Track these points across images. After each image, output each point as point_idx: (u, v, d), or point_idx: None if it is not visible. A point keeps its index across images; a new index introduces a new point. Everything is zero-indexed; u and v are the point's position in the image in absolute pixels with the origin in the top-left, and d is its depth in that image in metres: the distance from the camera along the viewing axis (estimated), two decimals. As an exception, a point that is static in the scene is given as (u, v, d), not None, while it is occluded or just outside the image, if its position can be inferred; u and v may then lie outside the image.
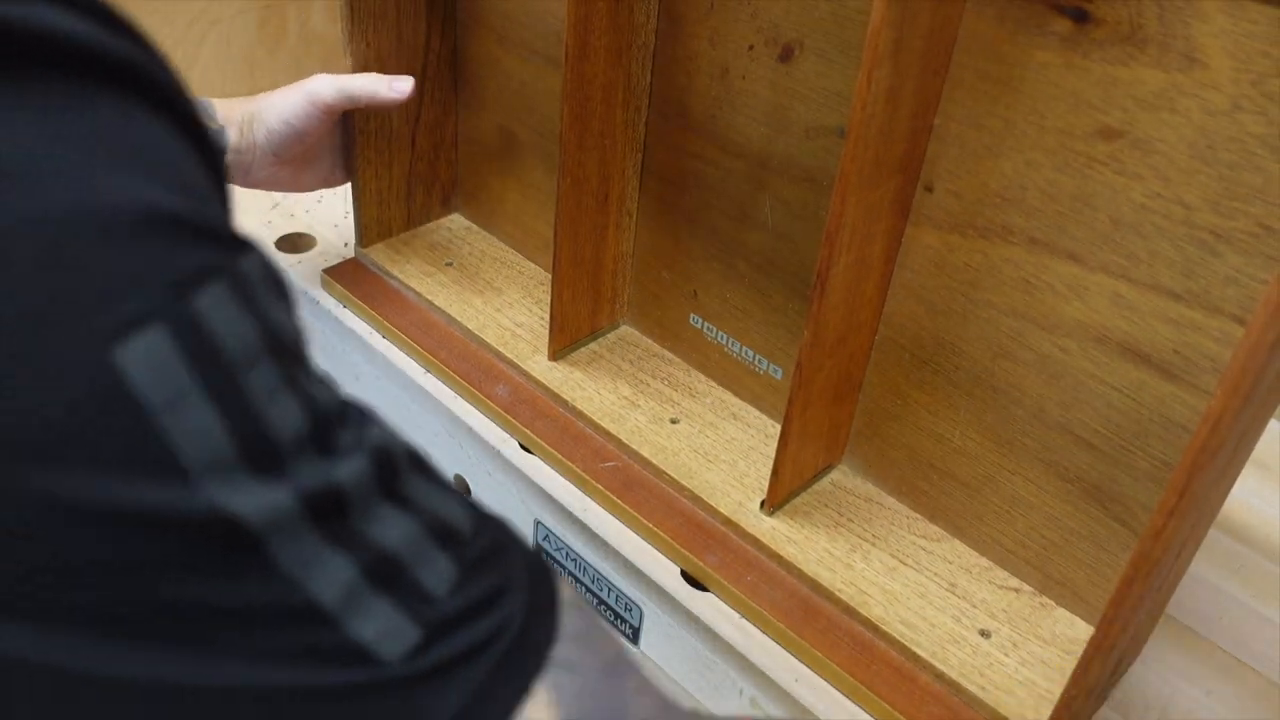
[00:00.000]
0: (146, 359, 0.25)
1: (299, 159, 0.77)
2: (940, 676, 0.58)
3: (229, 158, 0.72)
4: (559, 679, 0.32)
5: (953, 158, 0.56)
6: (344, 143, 0.80)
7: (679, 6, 0.65)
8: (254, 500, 0.27)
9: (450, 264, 0.85)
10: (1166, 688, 0.62)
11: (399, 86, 0.74)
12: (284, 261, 0.87)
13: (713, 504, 0.66)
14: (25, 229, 0.24)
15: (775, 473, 0.64)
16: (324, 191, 0.98)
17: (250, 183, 0.76)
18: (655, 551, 0.66)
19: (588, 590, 0.70)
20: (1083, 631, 0.61)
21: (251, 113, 0.72)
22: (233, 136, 0.72)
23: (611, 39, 0.65)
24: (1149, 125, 0.48)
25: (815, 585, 0.62)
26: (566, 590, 0.35)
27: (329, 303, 0.84)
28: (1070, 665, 0.58)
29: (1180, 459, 0.44)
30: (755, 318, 0.71)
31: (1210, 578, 0.69)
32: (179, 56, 1.02)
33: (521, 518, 0.73)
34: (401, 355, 0.79)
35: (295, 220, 0.94)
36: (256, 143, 0.73)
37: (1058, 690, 0.57)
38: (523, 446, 0.72)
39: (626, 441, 0.70)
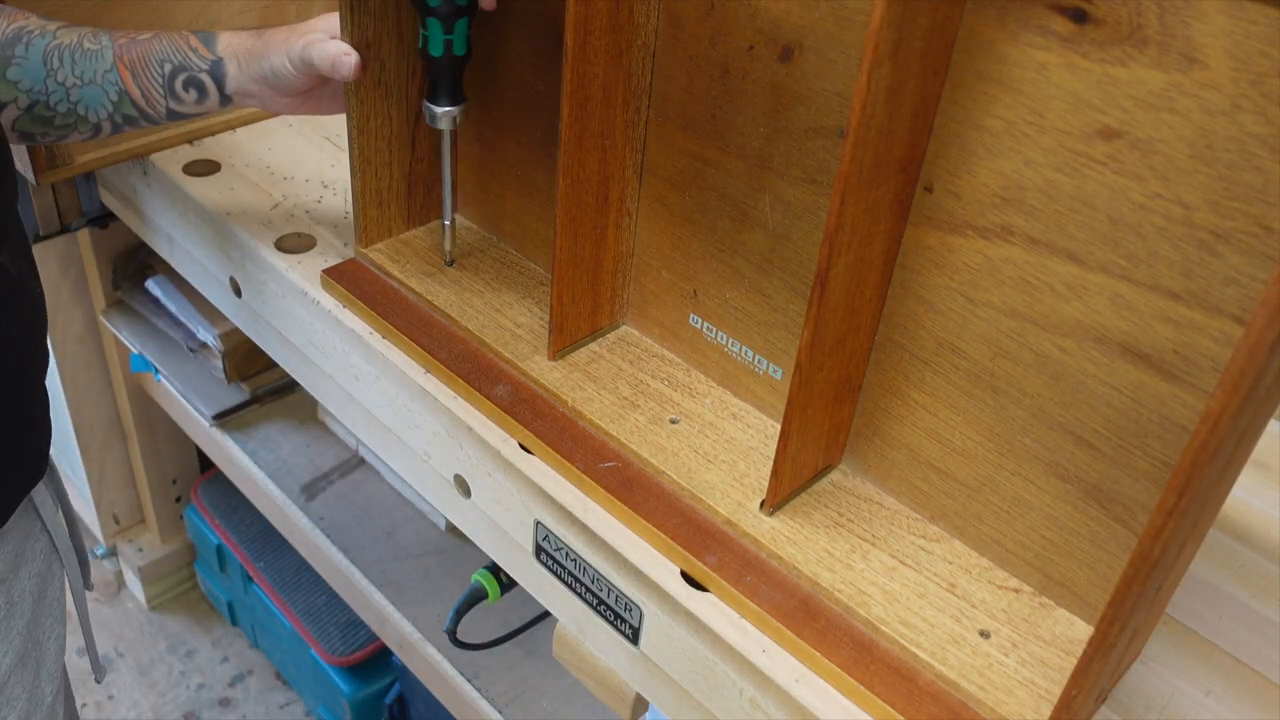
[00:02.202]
0: None
1: (299, 92, 0.80)
2: (940, 676, 0.58)
3: (228, 87, 0.79)
4: None
5: (952, 158, 0.56)
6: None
7: (679, 7, 0.65)
8: None
9: (450, 264, 0.85)
10: (1166, 688, 0.62)
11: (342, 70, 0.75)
12: (284, 262, 0.88)
13: (712, 504, 0.66)
14: None
15: (775, 473, 0.64)
16: (324, 191, 0.98)
17: (266, 107, 0.82)
18: (655, 552, 0.66)
19: (588, 590, 0.70)
20: (1083, 631, 0.61)
21: (253, 50, 0.78)
22: (231, 68, 0.78)
23: (611, 39, 0.65)
24: (1148, 125, 0.48)
25: (815, 585, 0.62)
26: None
27: (329, 303, 0.84)
28: (1070, 665, 0.58)
29: (1180, 459, 0.44)
30: (755, 318, 0.71)
31: (1210, 578, 0.69)
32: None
33: (521, 518, 0.73)
34: (401, 355, 0.79)
35: (295, 220, 0.94)
36: (254, 78, 0.78)
37: (1058, 690, 0.57)
38: (523, 447, 0.72)
39: (626, 441, 0.70)
